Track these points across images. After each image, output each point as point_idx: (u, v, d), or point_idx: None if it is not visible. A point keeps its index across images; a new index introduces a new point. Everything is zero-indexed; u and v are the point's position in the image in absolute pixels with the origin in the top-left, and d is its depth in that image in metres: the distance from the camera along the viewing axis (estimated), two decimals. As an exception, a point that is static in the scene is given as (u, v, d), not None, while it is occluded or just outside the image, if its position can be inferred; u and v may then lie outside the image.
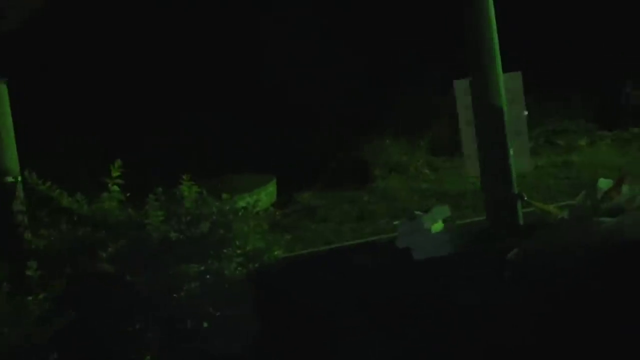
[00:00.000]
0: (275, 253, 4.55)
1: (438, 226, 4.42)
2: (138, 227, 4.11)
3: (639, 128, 9.70)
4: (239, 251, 4.41)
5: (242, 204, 4.53)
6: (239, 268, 4.25)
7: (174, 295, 4.02)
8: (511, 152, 4.59)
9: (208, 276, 4.22)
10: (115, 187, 4.41)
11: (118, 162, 4.39)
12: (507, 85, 5.03)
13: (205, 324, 4.27)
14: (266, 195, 8.48)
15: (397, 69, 10.53)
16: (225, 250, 4.32)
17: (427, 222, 4.34)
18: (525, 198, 4.66)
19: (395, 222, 5.12)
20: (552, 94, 10.36)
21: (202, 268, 4.10)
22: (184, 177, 4.27)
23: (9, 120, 4.33)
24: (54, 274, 3.84)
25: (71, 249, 3.97)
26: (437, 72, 10.24)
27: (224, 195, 4.50)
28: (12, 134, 4.34)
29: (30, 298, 3.69)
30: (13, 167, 4.34)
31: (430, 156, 9.87)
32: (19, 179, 4.34)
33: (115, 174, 4.40)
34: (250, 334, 4.27)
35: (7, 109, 4.31)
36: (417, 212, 4.56)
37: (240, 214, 4.21)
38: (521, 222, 4.74)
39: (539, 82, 10.59)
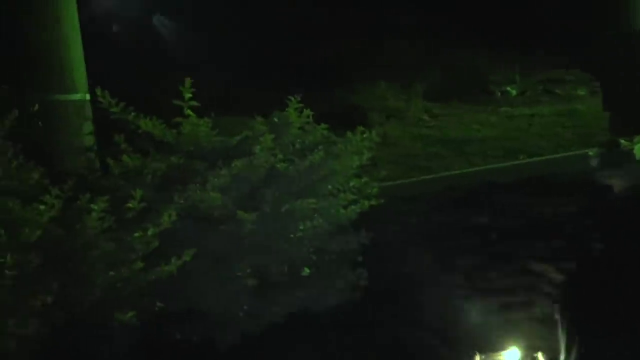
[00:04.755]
0: (374, 190, 4.08)
1: None
2: (241, 155, 3.53)
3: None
4: (340, 187, 3.92)
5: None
6: (351, 206, 3.75)
7: (291, 235, 3.49)
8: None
9: (316, 215, 3.71)
10: (190, 112, 3.79)
11: (188, 81, 3.76)
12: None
13: (306, 271, 3.77)
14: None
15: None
16: (329, 186, 3.82)
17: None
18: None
19: (590, 152, 4.59)
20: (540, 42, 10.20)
21: (316, 206, 3.58)
22: (292, 98, 3.71)
23: (77, 25, 3.62)
24: (156, 206, 3.24)
25: (173, 178, 3.37)
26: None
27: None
28: (80, 43, 3.63)
29: (137, 234, 3.10)
30: (81, 83, 3.65)
31: (427, 102, 9.53)
32: (88, 97, 3.66)
33: (186, 95, 3.78)
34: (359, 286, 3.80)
35: (75, 12, 3.59)
36: (623, 141, 4.08)
37: (353, 143, 3.71)
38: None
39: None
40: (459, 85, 9.66)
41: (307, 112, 3.72)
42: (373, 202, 3.79)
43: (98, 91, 3.58)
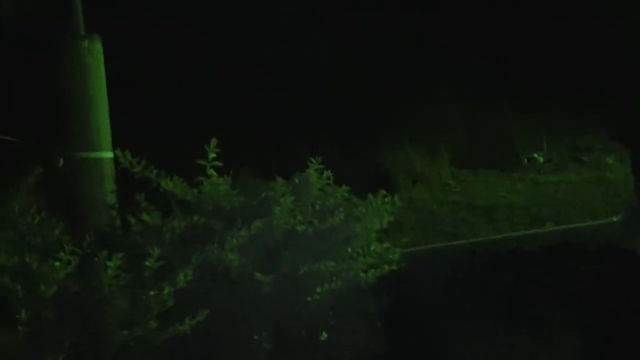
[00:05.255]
0: (396, 255, 4.03)
1: None
2: (261, 215, 3.53)
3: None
4: (359, 250, 3.89)
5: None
6: (371, 270, 3.71)
7: (309, 298, 3.46)
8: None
9: (334, 278, 3.67)
10: (213, 171, 3.82)
11: (214, 141, 3.81)
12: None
13: (324, 335, 3.71)
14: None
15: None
16: (349, 249, 3.79)
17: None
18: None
19: (614, 219, 4.57)
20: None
21: (335, 269, 3.55)
22: (313, 159, 3.73)
23: (103, 84, 3.69)
24: (174, 265, 3.24)
25: (192, 237, 3.38)
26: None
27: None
28: (106, 101, 3.70)
29: (152, 293, 3.09)
30: (105, 140, 3.70)
31: (453, 167, 9.51)
32: (111, 155, 3.71)
33: (211, 155, 3.82)
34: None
35: (102, 70, 3.68)
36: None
37: (374, 206, 3.70)
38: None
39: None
40: (486, 151, 9.65)
41: (327, 173, 3.72)
42: (394, 267, 3.75)
43: (119, 152, 3.63)
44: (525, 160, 9.84)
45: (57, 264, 3.02)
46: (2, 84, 5.13)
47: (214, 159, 3.77)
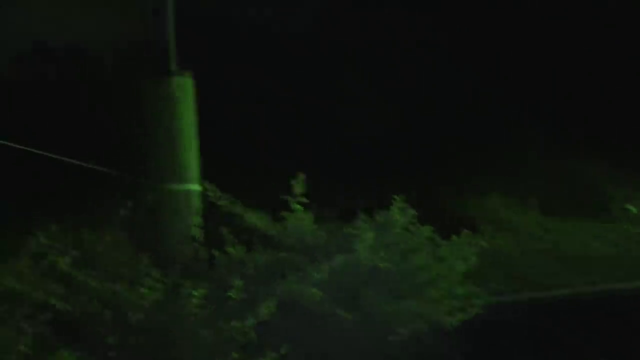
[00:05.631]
0: (481, 300, 3.93)
1: None
2: (343, 252, 3.52)
3: None
4: (443, 292, 3.81)
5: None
6: (455, 313, 3.63)
7: (390, 338, 3.40)
8: None
9: (417, 319, 3.60)
10: (298, 206, 3.85)
11: (301, 176, 3.84)
12: None
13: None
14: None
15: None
16: (433, 290, 3.72)
17: None
18: None
19: None
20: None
21: (417, 309, 3.49)
22: (396, 197, 3.71)
23: (192, 118, 3.80)
24: (256, 298, 3.25)
25: (274, 270, 3.40)
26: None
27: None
28: (195, 134, 3.80)
29: (235, 324, 3.11)
30: (193, 173, 3.80)
31: (542, 216, 9.28)
32: (199, 188, 3.80)
33: (297, 190, 3.85)
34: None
35: (191, 105, 3.79)
36: None
37: (458, 247, 3.63)
38: None
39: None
40: (576, 199, 9.39)
41: (411, 212, 3.70)
42: (478, 311, 3.64)
43: (206, 185, 3.72)
44: (618, 211, 9.53)
45: (146, 291, 3.09)
46: (96, 119, 5.33)
47: (301, 195, 3.82)
